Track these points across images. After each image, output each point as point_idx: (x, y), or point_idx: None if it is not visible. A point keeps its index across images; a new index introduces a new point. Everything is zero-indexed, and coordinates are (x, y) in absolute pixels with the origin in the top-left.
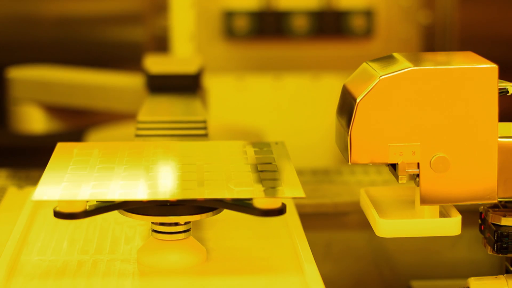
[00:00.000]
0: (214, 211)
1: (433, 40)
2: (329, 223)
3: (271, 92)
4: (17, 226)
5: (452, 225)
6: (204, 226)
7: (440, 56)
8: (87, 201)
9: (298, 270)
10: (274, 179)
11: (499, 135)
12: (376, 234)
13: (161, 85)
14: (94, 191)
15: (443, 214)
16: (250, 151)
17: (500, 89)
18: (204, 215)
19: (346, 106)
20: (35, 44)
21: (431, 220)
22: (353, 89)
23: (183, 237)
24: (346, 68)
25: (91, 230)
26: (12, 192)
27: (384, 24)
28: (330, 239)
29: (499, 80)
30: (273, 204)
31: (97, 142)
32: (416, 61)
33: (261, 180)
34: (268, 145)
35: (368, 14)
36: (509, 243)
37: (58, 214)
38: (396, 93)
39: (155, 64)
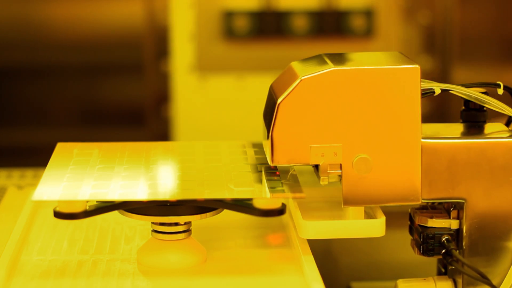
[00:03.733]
0: (214, 211)
1: (433, 40)
2: None
3: None
4: (17, 226)
5: (376, 227)
6: (204, 226)
7: (366, 56)
8: (87, 201)
9: (298, 270)
10: (274, 179)
11: (423, 136)
12: (299, 235)
13: None
14: (94, 191)
15: (370, 215)
16: (250, 151)
17: (425, 89)
18: (204, 215)
19: (269, 107)
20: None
21: (354, 222)
22: (276, 90)
23: (183, 237)
24: None
25: (91, 230)
26: (12, 192)
27: (384, 24)
28: (330, 239)
29: (426, 81)
30: (273, 204)
31: (97, 142)
32: (340, 61)
33: (261, 180)
34: None
35: (368, 14)
36: (435, 244)
37: (58, 214)
38: (317, 94)
39: None
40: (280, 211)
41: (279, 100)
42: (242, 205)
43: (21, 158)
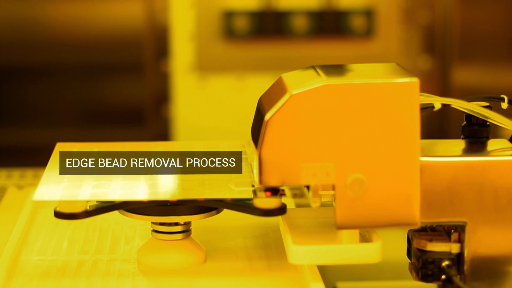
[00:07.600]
0: (214, 211)
1: (433, 40)
2: None
3: None
4: (17, 226)
5: (372, 252)
6: (204, 226)
7: (361, 68)
8: (88, 201)
9: (298, 270)
10: None
11: (422, 154)
12: (289, 261)
13: None
14: (94, 191)
15: (365, 237)
16: (250, 151)
17: (423, 104)
18: (204, 215)
19: (258, 124)
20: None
21: (347, 247)
22: (265, 105)
23: (183, 237)
24: None
25: (91, 230)
26: (12, 192)
27: (384, 24)
28: None
29: (425, 94)
30: (273, 204)
31: (96, 142)
32: (334, 74)
33: None
34: None
35: (368, 14)
36: (435, 270)
37: (58, 214)
38: (308, 110)
39: None
40: (280, 211)
41: (267, 117)
42: (242, 205)
43: (21, 158)
